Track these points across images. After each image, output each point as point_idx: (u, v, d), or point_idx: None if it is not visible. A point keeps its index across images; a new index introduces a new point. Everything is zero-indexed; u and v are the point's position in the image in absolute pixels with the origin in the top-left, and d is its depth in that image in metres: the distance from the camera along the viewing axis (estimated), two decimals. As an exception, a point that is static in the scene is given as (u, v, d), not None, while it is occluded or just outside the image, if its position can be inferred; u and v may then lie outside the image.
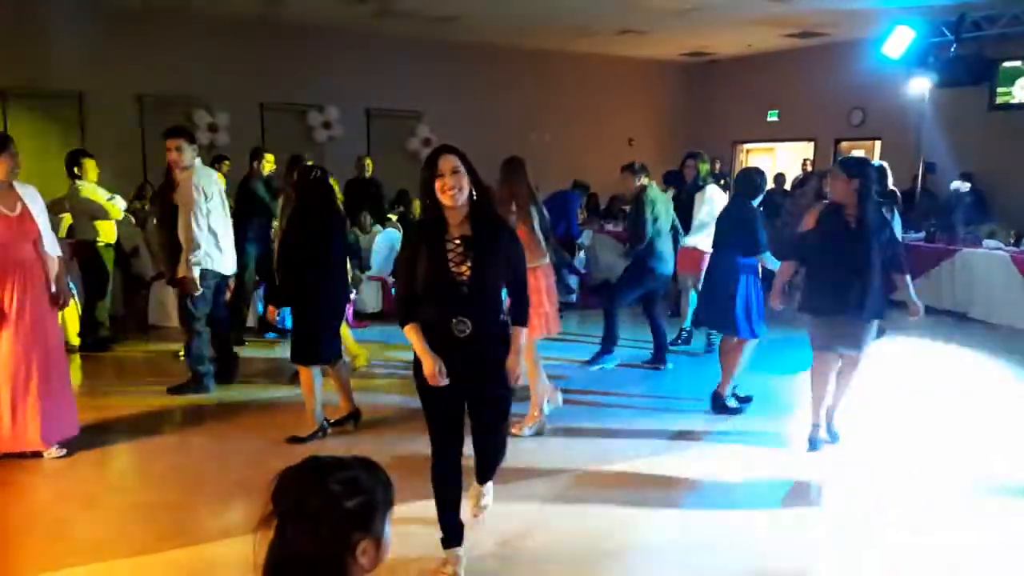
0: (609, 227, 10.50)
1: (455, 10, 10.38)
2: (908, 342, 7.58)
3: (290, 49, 11.25)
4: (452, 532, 3.15)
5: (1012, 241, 8.88)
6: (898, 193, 9.05)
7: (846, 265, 4.40)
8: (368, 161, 9.36)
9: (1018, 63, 9.51)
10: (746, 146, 14.73)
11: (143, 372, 6.23)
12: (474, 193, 2.87)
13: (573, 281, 8.88)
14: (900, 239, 4.51)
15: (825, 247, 4.50)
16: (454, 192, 2.80)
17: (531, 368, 4.76)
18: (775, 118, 13.85)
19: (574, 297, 8.89)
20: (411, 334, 2.96)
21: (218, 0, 9.83)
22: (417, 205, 7.07)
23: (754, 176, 5.40)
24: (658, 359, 6.46)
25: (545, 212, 4.86)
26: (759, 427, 5.09)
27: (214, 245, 5.29)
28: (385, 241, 8.36)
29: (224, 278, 5.51)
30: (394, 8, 10.18)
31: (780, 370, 6.24)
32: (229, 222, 5.51)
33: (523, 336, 3.03)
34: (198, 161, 5.30)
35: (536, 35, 12.07)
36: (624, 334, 6.63)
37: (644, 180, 6.32)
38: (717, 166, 13.34)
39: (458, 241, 2.87)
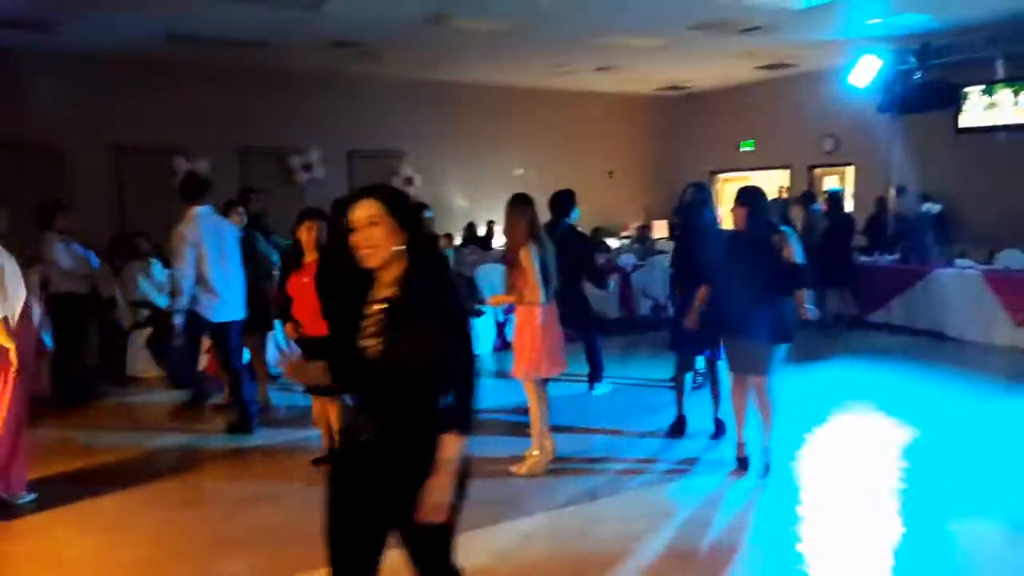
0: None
1: (435, 54, 10.60)
2: (884, 362, 7.70)
3: (270, 94, 11.43)
4: None
5: (983, 260, 9.04)
6: (839, 217, 9.30)
7: (740, 289, 4.56)
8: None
9: (979, 88, 9.75)
10: (723, 175, 14.94)
11: (125, 422, 6.24)
12: (410, 245, 2.22)
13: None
14: (801, 262, 4.60)
15: (724, 272, 4.70)
16: (367, 252, 2.19)
17: (534, 407, 4.80)
18: (751, 148, 14.09)
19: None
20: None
21: (195, 47, 9.99)
22: None
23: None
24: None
25: (551, 250, 4.79)
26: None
27: (206, 292, 5.41)
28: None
29: (225, 325, 5.58)
30: (375, 52, 10.39)
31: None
32: (232, 268, 5.59)
33: (456, 448, 2.16)
34: (200, 210, 5.46)
35: (516, 72, 12.31)
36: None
37: None
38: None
39: (380, 304, 2.21)
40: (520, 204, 4.72)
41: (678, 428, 5.58)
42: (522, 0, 8.01)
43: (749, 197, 4.73)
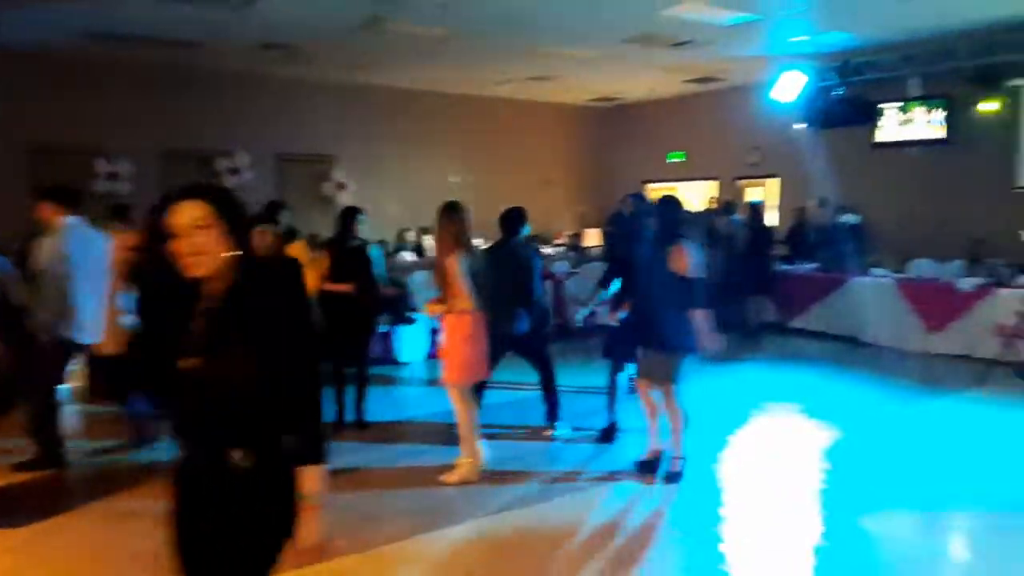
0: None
1: (370, 59, 10.50)
2: (803, 367, 7.98)
3: (196, 95, 11.12)
4: None
5: (896, 269, 9.47)
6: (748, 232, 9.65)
7: (644, 298, 4.74)
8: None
9: (895, 104, 10.22)
10: (652, 185, 15.22)
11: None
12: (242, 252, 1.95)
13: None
14: (701, 277, 4.69)
15: (632, 285, 4.91)
16: (191, 261, 1.90)
17: (462, 414, 4.78)
18: (681, 159, 14.42)
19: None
20: None
21: (118, 46, 9.65)
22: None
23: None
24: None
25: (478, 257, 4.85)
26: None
27: (72, 311, 4.89)
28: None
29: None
30: (307, 55, 10.23)
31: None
32: (102, 286, 5.12)
33: (317, 481, 1.95)
34: (70, 220, 5.02)
35: (453, 79, 12.30)
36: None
37: None
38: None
39: (203, 318, 1.93)
40: (449, 212, 4.74)
41: (609, 434, 5.66)
42: (457, 7, 8.02)
43: (656, 207, 4.91)
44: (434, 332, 8.68)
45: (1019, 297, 7.92)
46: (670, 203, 4.92)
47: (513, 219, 5.75)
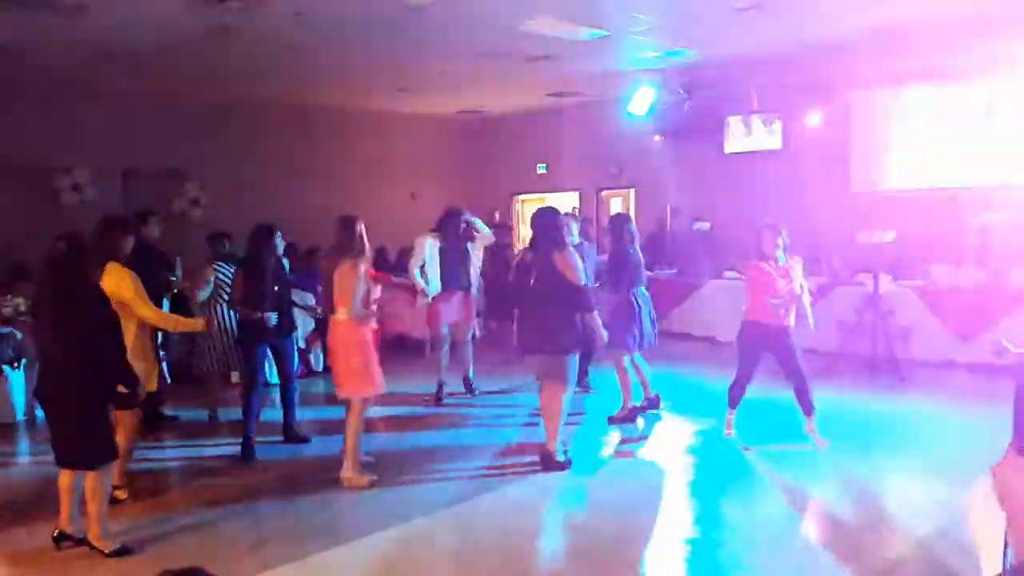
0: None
1: (220, 70, 10.10)
2: (667, 367, 8.32)
3: (32, 107, 10.32)
4: None
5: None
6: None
7: (528, 307, 5.05)
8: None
9: (738, 117, 10.88)
10: (522, 197, 15.49)
11: None
12: None
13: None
14: (586, 282, 5.16)
15: (517, 292, 5.21)
16: None
17: (352, 426, 4.92)
18: (544, 171, 14.74)
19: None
20: None
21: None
22: None
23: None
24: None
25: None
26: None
27: None
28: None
29: None
30: (152, 65, 9.71)
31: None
32: None
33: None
34: None
35: (312, 91, 12.02)
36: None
37: None
38: (496, 215, 13.97)
39: None
40: (346, 222, 5.03)
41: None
42: (313, 15, 7.84)
43: (536, 218, 5.18)
44: (303, 352, 8.50)
45: (859, 294, 8.54)
46: (544, 213, 5.30)
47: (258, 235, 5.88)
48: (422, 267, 7.13)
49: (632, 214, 13.06)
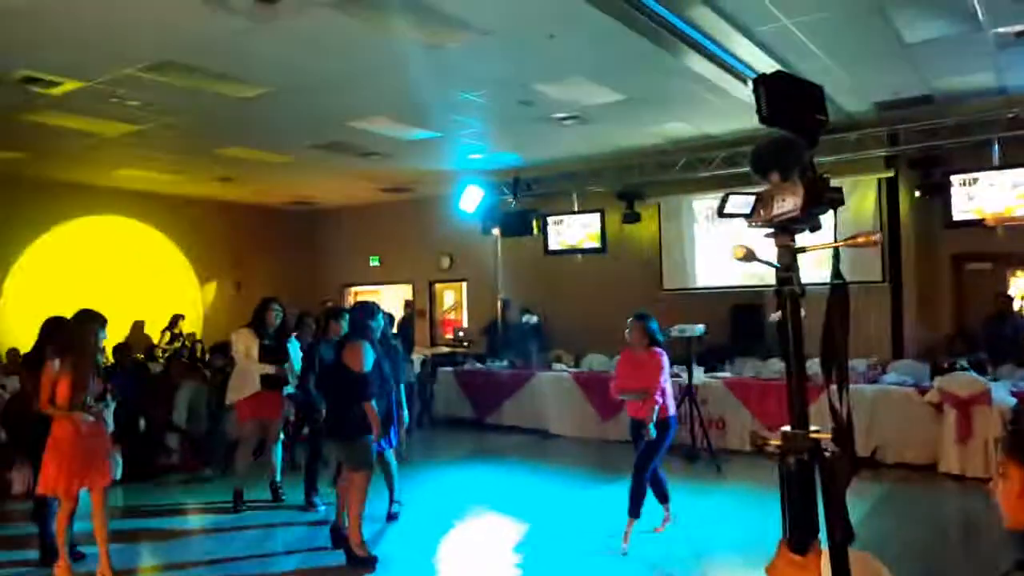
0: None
1: (25, 151, 9.38)
2: (495, 462, 8.35)
3: None
4: None
5: (572, 364, 10.42)
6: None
7: (331, 393, 5.33)
8: None
9: (559, 216, 11.56)
10: (355, 289, 15.34)
11: None
12: None
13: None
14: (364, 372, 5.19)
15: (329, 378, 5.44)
16: None
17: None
18: (376, 263, 14.75)
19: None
20: None
21: None
22: None
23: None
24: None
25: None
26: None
27: None
28: None
29: None
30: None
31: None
32: None
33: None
34: None
35: (128, 175, 11.37)
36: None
37: None
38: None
39: None
40: (85, 320, 4.88)
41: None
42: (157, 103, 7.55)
43: (349, 312, 5.62)
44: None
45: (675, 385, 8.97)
46: (356, 309, 5.62)
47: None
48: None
49: (464, 306, 13.34)
